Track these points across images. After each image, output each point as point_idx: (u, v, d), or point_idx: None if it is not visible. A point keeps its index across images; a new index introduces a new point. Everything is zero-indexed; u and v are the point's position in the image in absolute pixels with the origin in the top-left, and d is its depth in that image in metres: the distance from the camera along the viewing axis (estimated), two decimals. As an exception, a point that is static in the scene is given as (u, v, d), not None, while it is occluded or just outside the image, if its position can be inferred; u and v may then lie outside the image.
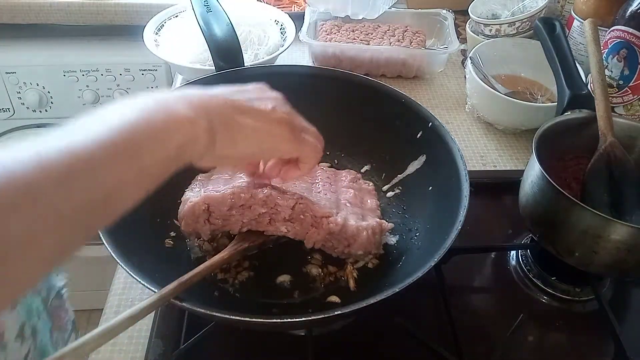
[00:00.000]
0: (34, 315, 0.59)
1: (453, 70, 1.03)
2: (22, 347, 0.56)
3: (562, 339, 0.60)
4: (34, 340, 0.58)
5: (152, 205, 0.60)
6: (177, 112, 0.35)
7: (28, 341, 0.57)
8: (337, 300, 0.56)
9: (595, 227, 0.52)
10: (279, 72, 0.73)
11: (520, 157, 0.84)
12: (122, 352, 0.55)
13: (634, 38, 0.70)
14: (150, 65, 1.22)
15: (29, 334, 0.57)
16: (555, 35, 0.69)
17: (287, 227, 0.55)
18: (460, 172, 0.56)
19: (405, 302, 0.59)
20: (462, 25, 1.09)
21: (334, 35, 0.99)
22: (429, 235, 0.58)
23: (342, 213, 0.56)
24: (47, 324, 0.63)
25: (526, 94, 0.87)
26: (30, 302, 0.59)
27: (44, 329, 0.61)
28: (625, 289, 0.65)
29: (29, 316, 0.58)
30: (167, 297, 0.43)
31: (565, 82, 0.65)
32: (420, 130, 0.64)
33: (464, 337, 0.56)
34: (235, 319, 0.42)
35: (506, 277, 0.66)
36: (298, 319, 0.44)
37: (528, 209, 0.60)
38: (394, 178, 0.68)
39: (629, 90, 0.74)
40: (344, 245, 0.55)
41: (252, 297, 0.57)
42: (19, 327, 0.55)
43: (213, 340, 0.56)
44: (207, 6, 0.75)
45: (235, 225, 0.55)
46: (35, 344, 0.58)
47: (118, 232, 0.49)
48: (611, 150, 0.60)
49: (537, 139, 0.58)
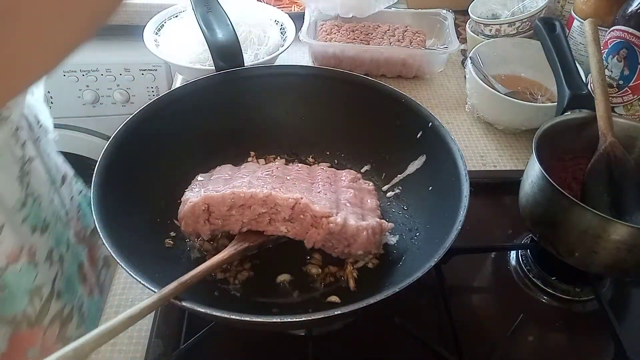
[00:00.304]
0: (63, 245, 0.64)
1: (453, 70, 1.03)
2: (51, 269, 0.61)
3: (562, 339, 0.60)
4: (61, 267, 0.63)
5: (152, 205, 0.60)
6: None
7: (56, 265, 0.62)
8: (337, 300, 0.56)
9: (595, 227, 0.52)
10: (279, 72, 0.73)
11: (520, 157, 0.84)
12: (122, 352, 0.55)
13: (634, 38, 0.70)
14: (150, 65, 1.22)
15: (56, 259, 0.62)
16: (555, 35, 0.69)
17: (287, 227, 0.55)
18: (460, 172, 0.56)
19: (405, 302, 0.59)
20: (462, 25, 1.09)
21: (334, 35, 0.99)
22: (429, 235, 0.58)
23: (342, 213, 0.55)
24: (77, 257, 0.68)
25: (526, 94, 0.87)
26: (60, 233, 0.64)
27: (72, 260, 0.66)
28: (625, 289, 0.65)
29: (57, 244, 0.63)
30: (167, 297, 0.43)
31: (565, 82, 0.65)
32: (420, 130, 0.64)
33: (464, 337, 0.56)
34: (235, 319, 0.42)
35: (506, 277, 0.66)
36: (298, 319, 0.44)
37: (528, 209, 0.60)
38: (394, 178, 0.68)
39: (629, 90, 0.74)
40: (344, 245, 0.55)
41: (252, 297, 0.57)
42: (48, 251, 0.61)
43: (213, 340, 0.56)
44: (207, 6, 0.75)
45: (235, 225, 0.55)
46: (62, 270, 0.63)
47: (118, 232, 0.49)
48: (611, 150, 0.60)
49: (537, 139, 0.58)
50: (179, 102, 0.66)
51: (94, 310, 0.69)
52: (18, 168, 0.58)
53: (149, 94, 1.27)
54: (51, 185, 0.65)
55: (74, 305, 0.64)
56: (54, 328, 0.61)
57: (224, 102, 0.69)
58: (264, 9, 1.01)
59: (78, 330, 0.64)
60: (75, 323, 0.64)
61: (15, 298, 0.56)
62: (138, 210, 0.57)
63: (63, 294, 0.62)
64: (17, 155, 0.59)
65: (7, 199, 0.56)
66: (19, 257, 0.56)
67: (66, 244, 0.65)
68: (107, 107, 1.29)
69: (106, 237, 0.47)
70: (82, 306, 0.66)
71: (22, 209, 0.58)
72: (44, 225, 0.60)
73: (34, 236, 0.59)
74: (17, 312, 0.56)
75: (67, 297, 0.63)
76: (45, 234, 0.60)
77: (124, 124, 0.59)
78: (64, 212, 0.67)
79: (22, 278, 0.56)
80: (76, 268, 0.66)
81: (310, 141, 0.74)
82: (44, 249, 0.60)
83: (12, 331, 0.56)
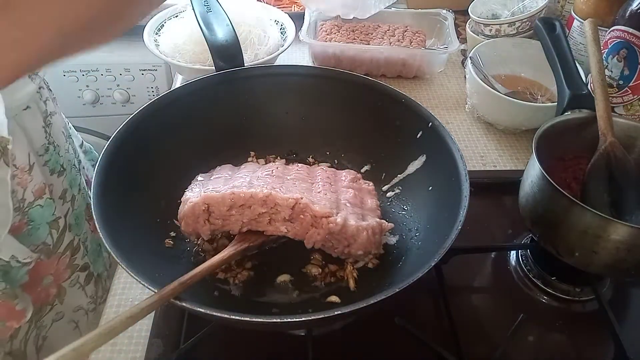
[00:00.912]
0: (75, 187, 0.78)
1: (453, 70, 1.03)
2: (64, 206, 0.74)
3: (562, 339, 0.60)
4: (72, 205, 0.77)
5: (152, 205, 0.60)
6: None
7: (68, 203, 0.76)
8: (337, 300, 0.56)
9: (595, 227, 0.52)
10: (279, 72, 0.73)
11: (520, 157, 0.84)
12: (122, 352, 0.55)
13: (634, 38, 0.70)
14: (150, 65, 1.22)
15: (69, 199, 0.76)
16: (555, 35, 0.69)
17: (287, 227, 0.55)
18: (460, 172, 0.56)
19: (405, 302, 0.59)
20: (462, 25, 1.09)
21: (334, 35, 0.99)
22: (429, 235, 0.58)
23: (342, 213, 0.55)
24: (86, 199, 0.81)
25: (526, 94, 0.87)
26: (73, 177, 0.78)
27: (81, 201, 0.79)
28: (625, 289, 0.65)
29: (71, 186, 0.76)
30: (167, 297, 0.43)
31: (565, 82, 0.65)
32: (420, 130, 0.64)
33: (464, 337, 0.56)
34: (235, 319, 0.42)
35: (506, 277, 0.66)
36: (298, 319, 0.44)
37: (528, 209, 0.60)
38: (394, 178, 0.68)
39: (629, 90, 0.74)
40: (343, 245, 0.55)
41: (252, 297, 0.57)
42: (62, 191, 0.74)
43: (213, 340, 0.56)
44: (207, 6, 0.75)
45: (235, 225, 0.55)
46: (73, 208, 0.77)
47: (118, 232, 0.49)
48: (611, 150, 0.60)
49: (537, 139, 0.58)
50: (179, 102, 0.66)
51: (94, 245, 0.82)
52: (42, 119, 0.71)
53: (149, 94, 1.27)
54: (67, 137, 0.78)
55: (81, 238, 0.77)
56: (65, 257, 0.73)
57: (223, 102, 0.69)
58: (264, 9, 1.01)
59: (83, 260, 0.77)
60: (81, 253, 0.77)
61: (39, 230, 0.68)
62: (138, 210, 0.57)
63: (73, 228, 0.75)
64: (42, 108, 0.72)
65: (36, 143, 0.69)
66: (43, 193, 0.68)
67: (78, 187, 0.79)
68: (107, 107, 1.29)
69: (106, 237, 0.47)
70: (87, 240, 0.79)
71: (45, 154, 0.70)
72: (61, 169, 0.73)
73: (53, 177, 0.72)
74: (39, 242, 0.68)
75: (76, 230, 0.76)
76: (62, 176, 0.73)
77: (124, 124, 0.59)
78: (77, 160, 0.81)
79: (45, 211, 0.69)
80: (84, 207, 0.80)
81: (310, 141, 0.74)
82: (60, 189, 0.73)
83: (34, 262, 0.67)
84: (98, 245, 0.83)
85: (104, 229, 0.48)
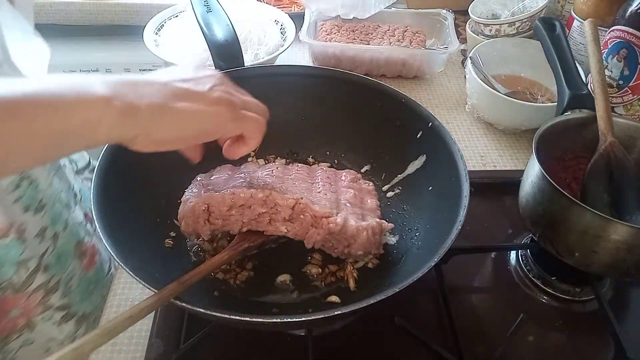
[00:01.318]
0: (60, 224, 0.68)
1: (453, 70, 1.03)
2: (41, 245, 0.65)
3: (562, 339, 0.60)
4: (54, 243, 0.67)
5: (152, 205, 0.60)
6: (93, 91, 0.36)
7: (47, 242, 0.66)
8: (337, 300, 0.56)
9: (595, 227, 0.52)
10: (279, 72, 0.73)
11: (520, 157, 0.84)
12: (122, 352, 0.55)
13: (634, 38, 0.70)
14: (150, 65, 1.22)
15: (50, 236, 0.66)
16: (555, 35, 0.69)
17: (287, 227, 0.55)
18: (460, 172, 0.56)
19: (405, 302, 0.59)
20: (462, 25, 1.09)
21: (333, 35, 0.99)
22: (429, 235, 0.58)
23: (342, 213, 0.55)
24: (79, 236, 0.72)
25: (526, 94, 0.87)
26: (57, 213, 0.68)
27: (68, 238, 0.70)
28: (625, 289, 0.65)
29: (53, 222, 0.67)
30: (167, 297, 0.43)
31: (565, 82, 0.65)
32: (420, 130, 0.64)
33: (464, 337, 0.56)
34: (235, 319, 0.42)
35: (506, 277, 0.66)
36: (298, 319, 0.44)
37: (528, 209, 0.60)
38: (394, 178, 0.68)
39: (629, 90, 0.74)
40: (344, 246, 0.55)
41: (252, 297, 0.57)
42: (41, 228, 0.65)
43: (213, 340, 0.56)
44: (207, 6, 0.75)
45: (235, 225, 0.55)
46: (55, 246, 0.67)
47: (118, 232, 0.49)
48: (611, 150, 0.60)
49: (537, 139, 0.58)
50: (179, 102, 0.65)
51: (85, 284, 0.73)
52: None
53: (149, 94, 1.27)
54: (50, 169, 0.69)
55: (62, 278, 0.68)
56: (37, 295, 0.65)
57: (224, 102, 0.69)
58: (264, 9, 1.01)
59: (62, 300, 0.69)
60: (59, 293, 0.68)
61: (2, 267, 0.61)
62: (138, 210, 0.57)
63: (51, 267, 0.66)
64: None
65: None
66: (8, 233, 0.61)
67: (64, 223, 0.69)
68: (107, 107, 1.29)
69: (106, 237, 0.47)
70: (72, 279, 0.70)
71: (16, 190, 0.62)
72: (40, 205, 0.64)
73: (26, 215, 0.63)
74: (3, 280, 0.61)
75: (56, 269, 0.67)
76: (40, 213, 0.64)
77: (124, 124, 0.59)
78: (65, 194, 0.71)
79: (10, 251, 0.61)
80: (73, 245, 0.71)
81: (310, 141, 0.74)
82: (36, 227, 0.64)
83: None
84: (91, 284, 0.73)
85: (104, 229, 0.48)
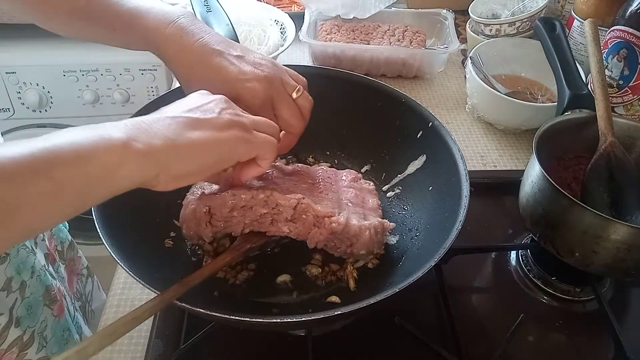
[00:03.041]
0: (25, 272, 0.63)
1: (453, 70, 1.03)
2: (8, 298, 0.60)
3: (562, 339, 0.60)
4: (22, 294, 0.62)
5: (152, 205, 0.60)
6: (109, 136, 0.37)
7: (15, 294, 0.61)
8: (337, 300, 0.56)
9: (595, 227, 0.52)
10: (279, 72, 0.73)
11: (520, 157, 0.84)
12: (122, 352, 0.55)
13: (634, 38, 0.70)
14: (150, 65, 1.22)
15: (16, 287, 0.61)
16: (555, 35, 0.69)
17: (289, 227, 0.55)
18: (460, 172, 0.56)
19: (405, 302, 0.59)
20: (462, 25, 1.09)
21: (334, 35, 0.99)
22: (429, 235, 0.58)
23: (344, 213, 0.55)
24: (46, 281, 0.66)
25: (526, 94, 0.87)
26: (21, 261, 0.63)
27: (36, 285, 0.64)
28: (625, 289, 0.65)
29: (19, 271, 0.62)
30: (170, 299, 0.43)
31: (565, 82, 0.65)
32: (420, 130, 0.64)
33: (464, 337, 0.56)
34: (235, 319, 0.42)
35: (506, 277, 0.66)
36: (298, 319, 0.44)
37: (528, 209, 0.60)
38: (394, 178, 0.68)
39: (629, 90, 0.74)
40: (346, 245, 0.55)
41: (252, 297, 0.57)
42: (5, 281, 0.60)
43: (213, 340, 0.56)
44: (207, 6, 0.75)
45: (237, 226, 0.55)
46: (23, 297, 0.62)
47: (118, 233, 0.49)
48: (611, 150, 0.60)
49: (537, 139, 0.58)
50: (179, 102, 0.65)
51: (60, 331, 0.68)
52: None
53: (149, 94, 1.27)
54: None
55: (36, 330, 0.63)
56: (11, 353, 0.61)
57: (224, 102, 0.69)
58: (264, 9, 1.01)
59: (39, 354, 0.64)
60: (35, 347, 0.63)
61: None
62: (138, 210, 0.57)
63: (23, 320, 0.62)
64: None
65: None
66: None
67: (30, 270, 0.64)
68: (107, 107, 1.29)
69: (106, 237, 0.47)
70: (45, 329, 0.65)
71: None
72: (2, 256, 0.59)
73: None
74: None
75: (28, 322, 0.62)
76: (3, 264, 0.60)
77: (124, 124, 0.59)
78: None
79: None
80: (42, 292, 0.65)
81: (310, 141, 0.73)
82: (1, 280, 0.59)
83: None
84: (65, 331, 0.69)
85: (104, 229, 0.48)
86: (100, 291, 0.87)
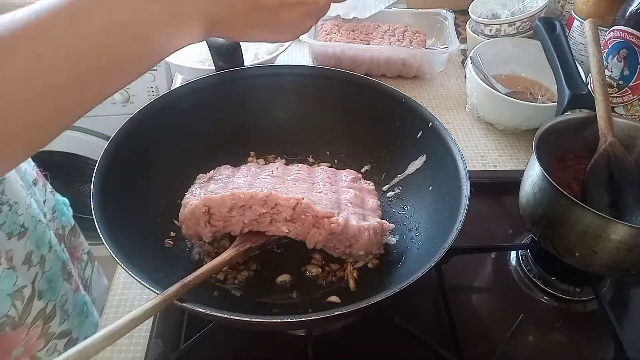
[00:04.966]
0: (44, 246, 0.65)
1: (453, 70, 1.03)
2: (30, 271, 0.62)
3: (562, 339, 0.60)
4: (42, 268, 0.64)
5: (152, 205, 0.60)
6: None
7: (36, 267, 0.63)
8: (337, 300, 0.56)
9: (595, 227, 0.52)
10: (278, 72, 0.73)
11: (520, 157, 0.84)
12: (122, 352, 0.55)
13: (634, 38, 0.70)
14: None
15: (36, 261, 0.63)
16: (555, 35, 0.69)
17: (288, 227, 0.55)
18: (460, 172, 0.56)
19: (405, 302, 0.59)
20: (462, 25, 1.09)
21: (334, 35, 0.99)
22: (429, 235, 0.58)
23: (343, 213, 0.55)
24: (62, 256, 0.69)
25: (526, 94, 0.87)
26: (40, 235, 0.65)
27: (54, 260, 0.67)
28: (625, 289, 0.65)
29: (38, 246, 0.64)
30: (170, 299, 0.43)
31: (565, 82, 0.65)
32: (420, 130, 0.64)
33: (464, 337, 0.56)
34: (235, 319, 0.42)
35: (506, 277, 0.66)
36: (298, 319, 0.44)
37: (528, 209, 0.60)
38: (394, 178, 0.68)
39: (629, 90, 0.74)
40: (345, 246, 0.55)
41: (252, 297, 0.57)
42: (27, 254, 0.62)
43: (213, 340, 0.56)
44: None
45: (236, 226, 0.55)
46: (43, 270, 0.64)
47: (118, 232, 0.49)
48: (611, 150, 0.60)
49: (537, 139, 0.58)
50: (179, 102, 0.65)
51: (80, 304, 0.71)
52: None
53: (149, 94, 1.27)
54: (28, 190, 0.66)
55: (57, 303, 0.66)
56: (36, 327, 0.63)
57: (223, 102, 0.69)
58: (264, 9, 1.01)
59: (61, 326, 0.66)
60: (58, 319, 0.66)
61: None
62: (138, 210, 0.57)
63: (45, 293, 0.64)
64: None
65: None
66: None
67: (48, 244, 0.66)
68: (107, 107, 1.29)
69: (106, 237, 0.47)
70: (66, 303, 0.68)
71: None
72: (22, 230, 0.61)
73: (11, 241, 0.60)
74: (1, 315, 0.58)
75: (50, 295, 0.65)
76: (23, 238, 0.61)
77: (124, 124, 0.59)
78: (43, 214, 0.68)
79: (3, 283, 0.58)
80: (60, 267, 0.68)
81: (310, 141, 0.74)
82: (22, 253, 0.61)
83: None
84: (84, 305, 0.72)
85: (104, 229, 0.48)
86: (101, 276, 0.88)
